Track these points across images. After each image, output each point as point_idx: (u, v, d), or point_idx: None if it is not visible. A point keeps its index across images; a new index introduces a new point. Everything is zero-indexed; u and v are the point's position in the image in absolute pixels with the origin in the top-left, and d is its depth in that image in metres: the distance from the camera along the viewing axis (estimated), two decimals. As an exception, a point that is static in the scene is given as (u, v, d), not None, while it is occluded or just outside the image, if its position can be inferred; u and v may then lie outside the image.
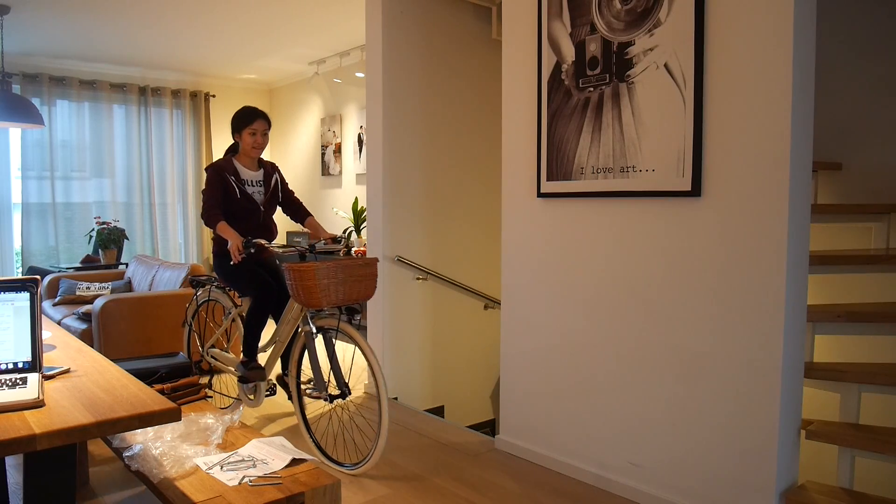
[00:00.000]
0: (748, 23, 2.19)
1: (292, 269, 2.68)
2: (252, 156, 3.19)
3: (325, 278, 2.65)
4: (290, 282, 2.70)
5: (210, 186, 3.07)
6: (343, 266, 2.70)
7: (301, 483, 1.84)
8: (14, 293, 1.81)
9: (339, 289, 2.69)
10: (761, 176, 2.18)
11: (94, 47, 5.94)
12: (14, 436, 1.36)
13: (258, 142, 3.13)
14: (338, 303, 2.72)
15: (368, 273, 2.82)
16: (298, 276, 2.66)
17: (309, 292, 2.65)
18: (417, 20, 4.02)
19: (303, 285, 2.65)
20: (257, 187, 3.23)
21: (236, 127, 3.14)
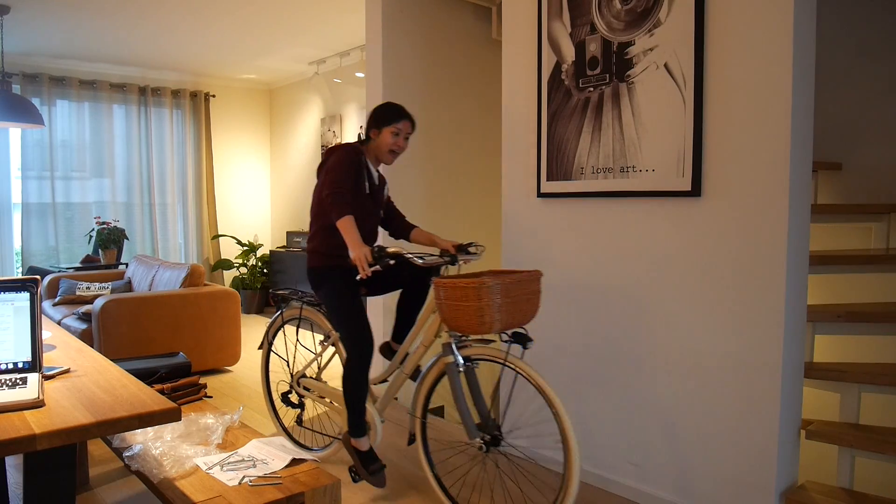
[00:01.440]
0: (748, 23, 2.19)
1: (449, 287, 2.11)
2: (385, 159, 2.66)
3: (498, 297, 2.07)
4: (444, 301, 2.14)
5: (343, 166, 2.49)
6: (517, 282, 2.14)
7: (301, 483, 1.84)
8: (14, 293, 1.81)
9: (509, 310, 2.12)
10: (761, 176, 2.18)
11: (94, 47, 5.94)
12: (14, 436, 1.36)
13: (399, 145, 2.62)
14: (504, 328, 2.15)
15: (536, 290, 2.26)
16: (459, 295, 2.09)
17: (473, 315, 2.06)
18: (417, 20, 4.02)
19: (465, 307, 2.07)
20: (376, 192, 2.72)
21: (378, 122, 2.64)
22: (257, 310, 7.17)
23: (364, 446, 2.54)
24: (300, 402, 3.00)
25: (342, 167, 2.48)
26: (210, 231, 7.32)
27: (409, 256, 2.28)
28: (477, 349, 2.27)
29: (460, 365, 2.24)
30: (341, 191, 2.39)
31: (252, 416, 3.62)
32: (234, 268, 7.27)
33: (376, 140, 2.64)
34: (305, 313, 2.91)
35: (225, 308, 4.52)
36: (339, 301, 2.52)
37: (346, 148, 2.58)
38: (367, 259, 2.20)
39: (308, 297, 2.93)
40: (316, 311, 2.87)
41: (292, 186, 7.47)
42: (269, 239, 7.86)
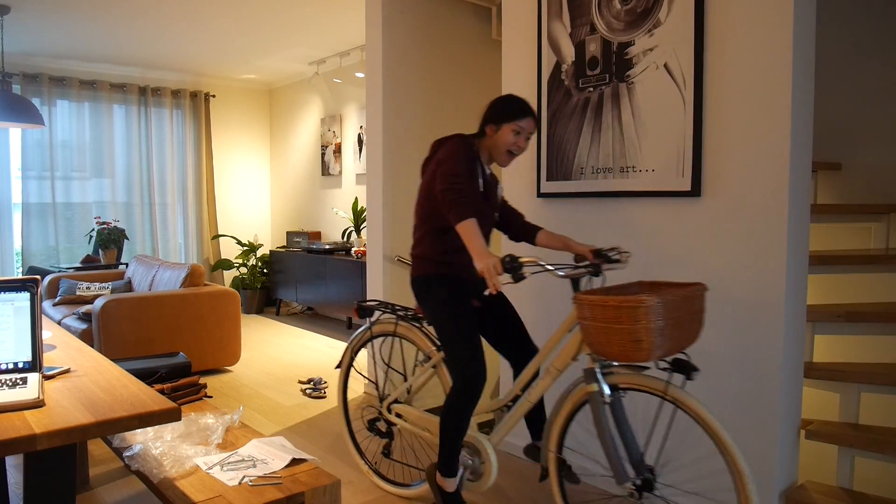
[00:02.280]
0: (748, 23, 2.19)
1: (597, 305, 1.77)
2: (501, 160, 2.29)
3: (660, 319, 1.73)
4: (589, 322, 1.81)
5: (460, 157, 2.14)
6: (682, 299, 1.78)
7: (301, 483, 1.84)
8: (14, 293, 1.81)
9: (671, 334, 1.76)
10: (761, 176, 2.18)
11: (94, 47, 5.94)
12: (14, 436, 1.36)
13: (520, 145, 2.24)
14: (664, 355, 1.79)
15: (700, 308, 1.88)
16: (610, 315, 1.74)
17: (629, 340, 1.72)
18: (417, 20, 4.02)
19: (618, 330, 1.74)
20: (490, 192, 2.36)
21: (497, 116, 2.25)
22: (257, 310, 7.18)
23: (451, 487, 2.25)
24: (389, 430, 2.61)
25: (459, 158, 2.12)
26: (210, 231, 7.32)
27: (550, 268, 1.94)
28: (626, 377, 1.91)
29: (606, 395, 1.90)
30: (461, 186, 2.03)
31: (252, 416, 3.63)
32: (234, 268, 7.27)
33: (493, 137, 2.26)
34: (401, 330, 2.51)
35: (225, 308, 4.52)
36: (449, 316, 2.18)
37: (459, 137, 2.23)
38: (497, 270, 1.86)
39: (402, 310, 2.53)
40: (414, 327, 2.49)
41: (292, 186, 7.47)
42: (269, 239, 7.86)
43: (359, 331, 2.68)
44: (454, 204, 2.00)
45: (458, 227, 1.97)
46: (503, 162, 2.29)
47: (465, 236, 1.96)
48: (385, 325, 2.57)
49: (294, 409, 3.74)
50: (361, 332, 2.66)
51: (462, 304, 2.22)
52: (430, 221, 2.26)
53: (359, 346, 2.71)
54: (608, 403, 1.91)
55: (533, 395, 2.17)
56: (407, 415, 2.51)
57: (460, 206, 1.99)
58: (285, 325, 6.47)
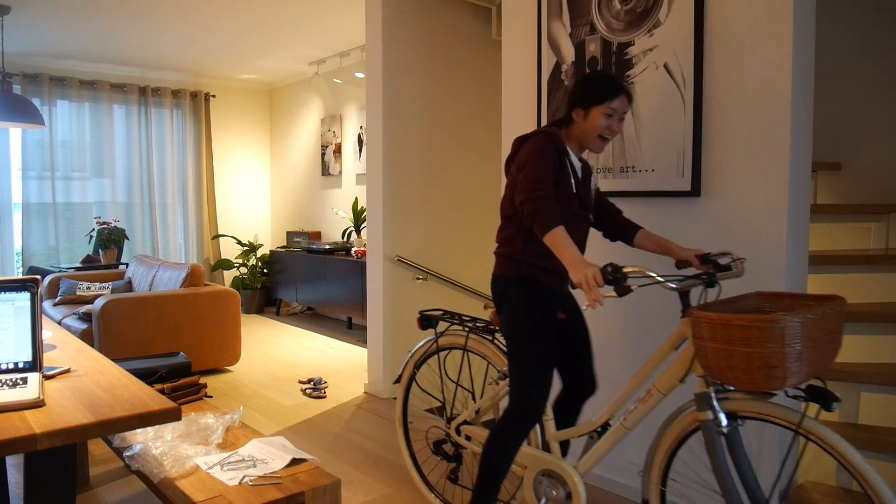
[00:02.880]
0: (748, 23, 2.19)
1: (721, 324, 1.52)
2: (593, 146, 2.02)
3: (800, 341, 1.48)
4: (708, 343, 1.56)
5: (542, 158, 1.91)
6: (822, 318, 1.53)
7: (301, 483, 1.84)
8: (14, 293, 1.81)
9: (809, 358, 1.51)
10: (761, 176, 2.18)
11: (94, 47, 5.95)
12: (14, 436, 1.36)
13: (613, 129, 1.99)
14: (802, 381, 1.54)
15: (839, 326, 1.62)
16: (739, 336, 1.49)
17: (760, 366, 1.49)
18: (417, 20, 4.02)
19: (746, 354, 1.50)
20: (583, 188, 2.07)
21: (585, 99, 1.98)
22: (257, 310, 7.18)
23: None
24: (456, 453, 2.36)
25: (541, 160, 1.90)
26: (210, 231, 7.33)
27: (661, 279, 1.68)
28: (748, 405, 1.64)
29: (723, 425, 1.65)
30: (543, 194, 1.81)
31: (252, 416, 3.63)
32: (234, 268, 7.27)
33: (582, 123, 2.00)
34: (472, 343, 2.26)
35: (225, 308, 4.52)
36: (525, 325, 1.97)
37: (542, 134, 1.99)
38: (598, 281, 1.63)
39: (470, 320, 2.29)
40: (486, 340, 2.25)
41: (292, 186, 7.47)
42: (269, 239, 7.86)
43: (421, 343, 2.44)
44: (537, 215, 1.78)
45: (545, 240, 1.76)
46: (597, 148, 2.02)
47: (555, 247, 1.74)
48: (453, 338, 2.33)
49: (294, 409, 3.74)
50: (426, 345, 2.42)
51: (544, 315, 1.98)
52: (516, 222, 2.04)
53: (422, 360, 2.46)
54: (725, 434, 1.65)
55: (630, 420, 1.88)
56: (478, 437, 2.26)
57: (544, 215, 1.77)
58: (285, 325, 6.47)
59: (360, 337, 5.81)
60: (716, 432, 1.65)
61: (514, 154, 2.04)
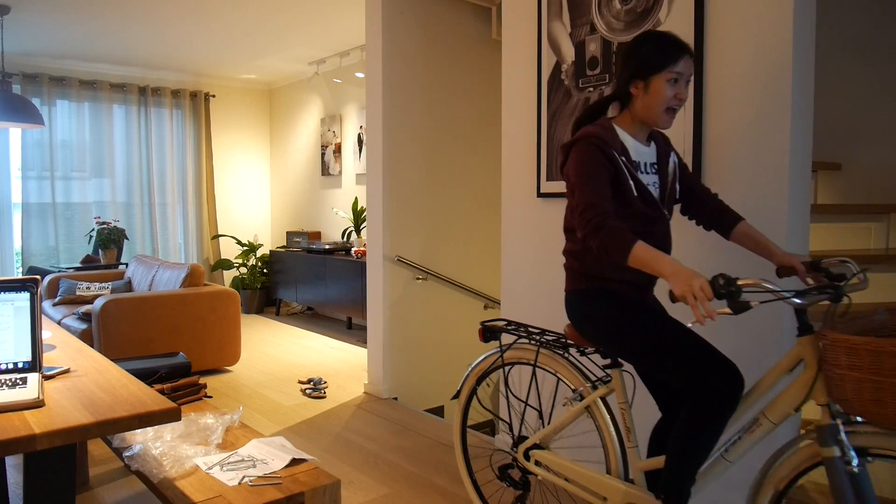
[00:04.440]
0: (748, 23, 2.19)
1: (867, 350, 1.33)
2: (660, 122, 1.73)
3: None
4: (845, 371, 1.38)
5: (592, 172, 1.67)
6: None
7: (301, 483, 1.84)
8: (14, 293, 1.81)
9: None
10: (761, 176, 2.18)
11: (94, 47, 5.94)
12: (14, 436, 1.36)
13: (681, 97, 1.71)
14: None
15: None
16: (891, 365, 1.30)
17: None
18: (417, 20, 4.02)
19: None
20: (651, 176, 1.81)
21: (643, 68, 1.70)
22: (257, 310, 7.18)
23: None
24: (524, 480, 2.15)
25: (587, 179, 1.65)
26: (210, 231, 7.32)
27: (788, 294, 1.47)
28: (883, 440, 1.42)
29: (853, 462, 1.44)
30: (600, 221, 1.59)
31: (252, 416, 3.63)
32: (234, 268, 7.27)
33: (643, 97, 1.72)
34: (543, 360, 2.04)
35: (225, 308, 4.52)
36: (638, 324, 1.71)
37: (583, 141, 1.71)
38: (707, 294, 1.40)
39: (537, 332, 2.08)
40: (559, 356, 2.02)
41: (292, 186, 7.47)
42: (269, 239, 7.86)
43: (484, 356, 2.20)
44: (606, 246, 1.57)
45: (631, 265, 1.55)
46: (665, 123, 1.73)
47: (646, 266, 1.52)
48: (522, 352, 2.09)
49: (294, 409, 3.74)
50: (489, 359, 2.18)
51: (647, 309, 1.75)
52: None
53: (484, 375, 2.23)
54: (855, 472, 1.45)
55: (734, 453, 1.65)
56: (550, 463, 2.00)
57: (613, 242, 1.56)
58: (285, 325, 6.47)
59: (360, 337, 5.81)
60: (843, 471, 1.44)
61: (565, 160, 1.80)
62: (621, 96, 1.77)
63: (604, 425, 1.89)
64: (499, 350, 2.13)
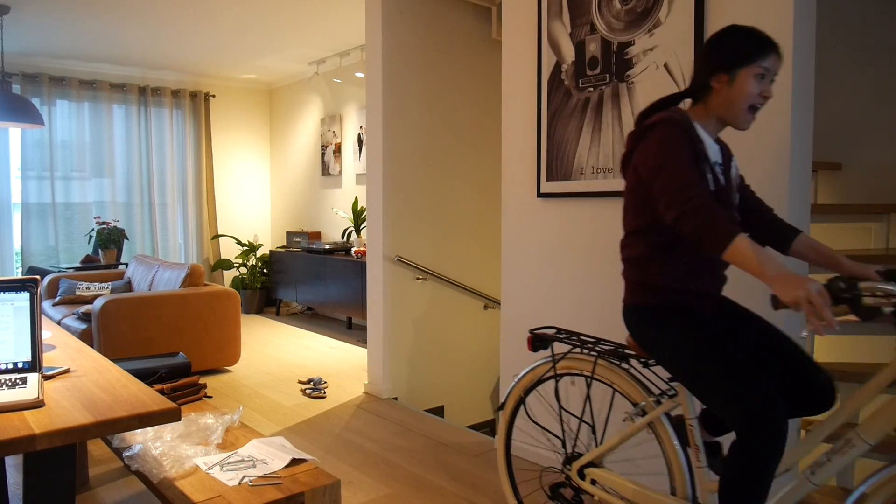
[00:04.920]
0: (748, 23, 2.19)
1: None
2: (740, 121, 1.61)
3: None
4: None
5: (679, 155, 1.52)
6: None
7: (301, 483, 1.84)
8: (14, 293, 1.81)
9: None
10: (761, 176, 2.18)
11: (94, 47, 5.94)
12: (14, 436, 1.36)
13: (766, 95, 1.59)
14: None
15: None
16: None
17: None
18: (417, 20, 4.02)
19: None
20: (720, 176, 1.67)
21: (729, 60, 1.59)
22: (257, 310, 7.18)
23: None
24: (577, 499, 2.01)
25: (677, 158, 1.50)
26: (210, 231, 7.32)
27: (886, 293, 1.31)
28: None
29: None
30: (700, 201, 1.43)
31: (252, 416, 3.62)
32: (233, 268, 7.27)
33: (726, 91, 1.60)
34: (601, 371, 1.89)
35: (225, 308, 4.52)
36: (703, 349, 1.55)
37: (666, 122, 1.58)
38: (824, 299, 1.27)
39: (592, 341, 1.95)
40: (616, 367, 1.88)
41: (292, 186, 7.47)
42: (269, 239, 7.86)
43: (532, 366, 2.06)
44: (704, 230, 1.40)
45: (726, 258, 1.39)
46: (745, 122, 1.61)
47: (745, 263, 1.37)
48: (577, 363, 1.95)
49: (294, 409, 3.74)
50: (538, 369, 2.04)
51: (716, 331, 1.59)
52: (649, 235, 1.65)
53: (532, 386, 2.08)
54: None
55: (820, 475, 1.51)
56: (608, 482, 1.87)
57: (714, 228, 1.39)
58: (285, 325, 6.46)
59: (360, 337, 5.81)
60: None
61: (631, 152, 1.67)
62: (699, 89, 1.65)
63: (669, 443, 1.74)
64: (549, 360, 2.00)
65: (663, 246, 1.64)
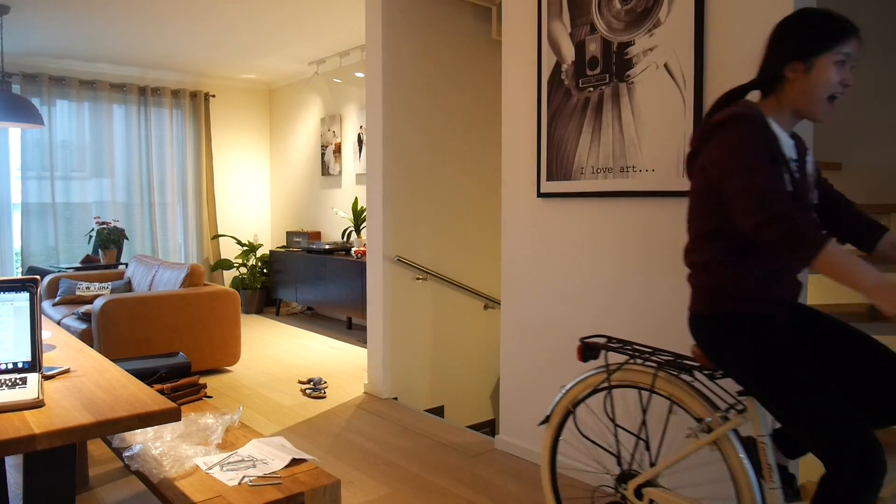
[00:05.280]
0: (748, 23, 2.19)
1: None
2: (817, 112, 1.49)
3: None
4: None
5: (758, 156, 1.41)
6: None
7: (301, 483, 1.84)
8: (14, 293, 1.81)
9: None
10: (761, 176, 2.18)
11: (94, 47, 5.94)
12: (14, 436, 1.36)
13: (848, 83, 1.46)
14: None
15: None
16: None
17: None
18: (417, 20, 4.02)
19: None
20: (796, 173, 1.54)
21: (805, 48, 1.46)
22: (257, 310, 7.18)
23: None
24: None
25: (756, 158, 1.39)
26: (210, 231, 7.32)
27: None
28: None
29: None
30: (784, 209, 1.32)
31: (252, 416, 3.62)
32: (233, 268, 7.27)
33: (802, 81, 1.47)
34: (661, 384, 1.75)
35: (225, 308, 4.52)
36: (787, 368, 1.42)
37: (738, 118, 1.45)
38: None
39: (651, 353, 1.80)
40: (678, 380, 1.74)
41: (292, 186, 7.47)
42: (269, 239, 7.86)
43: (582, 377, 1.91)
44: (789, 240, 1.29)
45: (817, 268, 1.29)
46: (823, 115, 1.49)
47: (838, 272, 1.26)
48: (634, 374, 1.80)
49: (294, 409, 3.74)
50: (590, 380, 1.89)
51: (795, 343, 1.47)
52: (719, 239, 1.53)
53: (582, 398, 1.93)
54: None
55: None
56: (668, 503, 1.74)
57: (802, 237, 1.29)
58: (285, 325, 6.46)
59: (360, 337, 5.81)
60: None
61: (697, 152, 1.56)
62: (770, 80, 1.52)
63: (737, 462, 1.60)
64: (601, 370, 1.84)
65: (735, 250, 1.52)
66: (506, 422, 3.14)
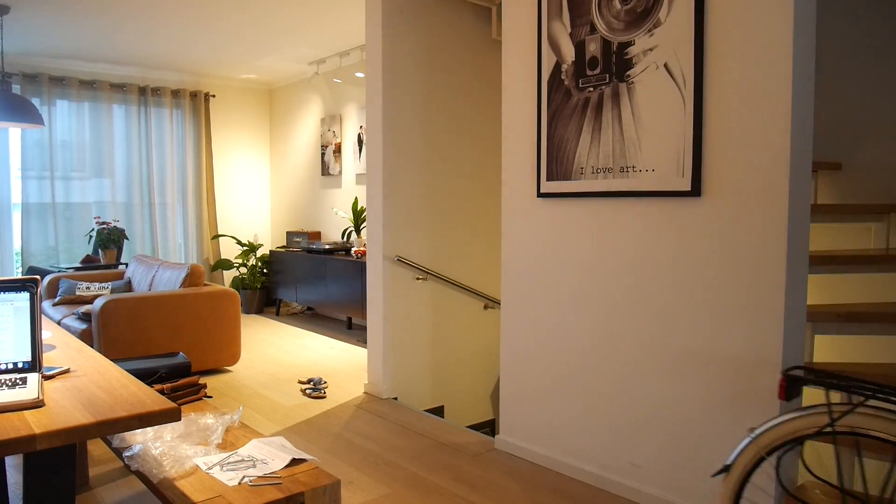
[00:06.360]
0: (748, 23, 2.19)
1: None
2: None
3: None
4: None
5: None
6: None
7: (301, 483, 1.84)
8: (14, 293, 1.81)
9: None
10: (761, 176, 2.18)
11: (94, 47, 5.94)
12: (14, 436, 1.36)
13: None
14: None
15: None
16: None
17: None
18: (417, 20, 4.02)
19: None
20: None
21: None
22: (257, 310, 7.18)
23: None
24: None
25: None
26: (210, 231, 7.32)
27: None
28: None
29: None
30: None
31: (252, 416, 3.62)
32: (233, 268, 7.27)
33: None
34: (888, 427, 1.41)
35: (225, 308, 4.52)
36: None
37: None
38: None
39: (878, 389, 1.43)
40: None
41: (292, 186, 7.47)
42: (269, 239, 7.86)
43: (784, 417, 1.50)
44: None
45: None
46: None
47: None
48: (871, 421, 1.43)
49: (294, 409, 3.74)
50: (798, 422, 1.49)
51: None
52: None
53: (781, 446, 1.51)
54: None
55: None
56: None
57: None
58: (285, 325, 6.46)
59: (360, 337, 5.81)
60: None
61: None
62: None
63: None
64: (817, 411, 1.44)
65: None
66: (506, 422, 3.14)
